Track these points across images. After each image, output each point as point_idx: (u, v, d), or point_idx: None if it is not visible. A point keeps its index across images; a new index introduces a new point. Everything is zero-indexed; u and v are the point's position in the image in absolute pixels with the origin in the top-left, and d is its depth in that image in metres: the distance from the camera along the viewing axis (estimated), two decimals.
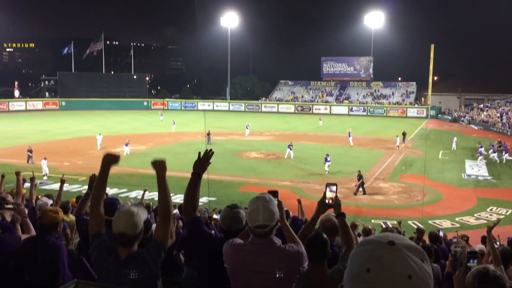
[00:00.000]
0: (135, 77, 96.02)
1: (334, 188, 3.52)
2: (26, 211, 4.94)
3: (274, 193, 3.40)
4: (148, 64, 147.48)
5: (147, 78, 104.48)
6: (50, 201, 7.49)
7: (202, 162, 3.57)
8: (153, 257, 3.16)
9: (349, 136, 41.78)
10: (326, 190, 3.54)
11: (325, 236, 3.37)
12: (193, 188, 3.53)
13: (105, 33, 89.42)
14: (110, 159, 3.50)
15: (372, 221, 19.34)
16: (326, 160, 30.20)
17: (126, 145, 36.88)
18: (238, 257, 3.01)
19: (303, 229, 3.72)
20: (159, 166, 3.39)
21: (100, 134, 39.22)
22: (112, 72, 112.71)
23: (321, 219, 4.73)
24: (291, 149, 34.91)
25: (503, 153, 36.27)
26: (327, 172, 29.91)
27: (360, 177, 25.03)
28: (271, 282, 2.95)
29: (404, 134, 42.94)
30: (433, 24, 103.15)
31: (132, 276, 3.08)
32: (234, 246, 3.07)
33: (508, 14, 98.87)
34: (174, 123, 52.94)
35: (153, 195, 21.73)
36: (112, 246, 3.19)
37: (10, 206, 4.70)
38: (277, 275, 2.93)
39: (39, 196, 10.37)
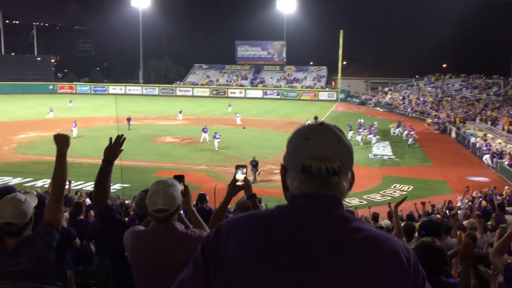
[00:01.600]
0: (38, 59, 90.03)
1: (244, 170, 3.52)
2: None
3: (180, 178, 3.34)
4: (53, 45, 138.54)
5: (53, 60, 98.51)
6: None
7: (114, 148, 3.41)
8: (44, 239, 2.96)
9: (237, 117, 44.98)
10: (236, 173, 3.54)
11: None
12: (104, 176, 3.37)
13: (3, 11, 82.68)
14: (63, 140, 3.23)
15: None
16: (214, 137, 32.25)
17: (75, 126, 35.59)
18: (138, 244, 2.91)
19: (216, 212, 3.69)
20: (62, 140, 3.19)
21: None
22: (13, 54, 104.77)
23: (237, 201, 4.75)
24: (206, 133, 34.78)
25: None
26: (217, 149, 31.76)
27: (255, 163, 24.64)
28: (172, 268, 2.88)
29: (315, 118, 44.45)
30: (342, 11, 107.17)
31: (23, 263, 2.86)
32: (134, 233, 2.96)
33: (410, 5, 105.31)
34: (51, 110, 47.36)
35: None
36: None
37: None
38: (179, 261, 2.87)
39: None
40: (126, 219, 5.74)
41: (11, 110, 52.72)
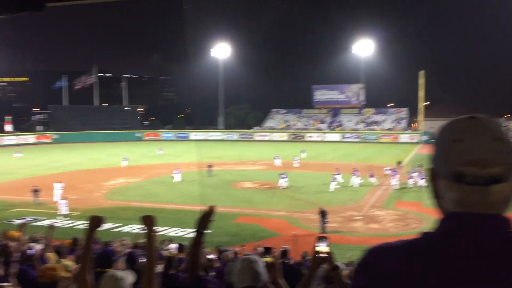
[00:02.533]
0: (127, 108, 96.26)
1: (325, 242, 3.46)
2: None
3: (268, 250, 3.37)
4: (140, 95, 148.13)
5: (140, 109, 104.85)
6: (38, 246, 7.33)
7: (205, 219, 3.54)
8: None
9: (295, 160, 46.33)
10: (317, 244, 3.47)
11: None
12: (197, 246, 3.51)
13: (98, 65, 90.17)
14: (95, 223, 3.44)
15: None
16: (282, 177, 34.78)
17: (177, 172, 38.22)
18: None
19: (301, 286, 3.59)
20: (148, 222, 3.37)
21: (61, 183, 30.66)
22: (105, 104, 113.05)
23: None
24: (283, 178, 34.81)
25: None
26: (280, 187, 34.15)
27: (323, 213, 22.98)
28: None
29: (399, 163, 42.70)
30: (422, 50, 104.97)
31: None
32: None
33: (494, 41, 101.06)
34: (124, 160, 48.58)
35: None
36: None
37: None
38: None
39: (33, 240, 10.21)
40: (213, 273, 5.85)
41: (102, 158, 56.32)
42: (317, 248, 3.41)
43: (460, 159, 1.24)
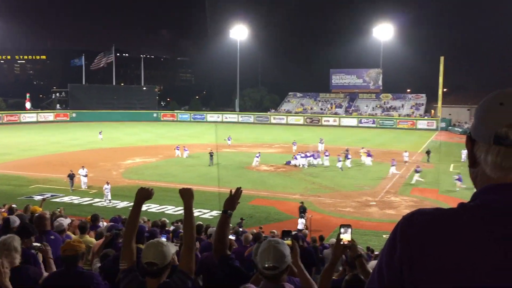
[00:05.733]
0: (144, 88, 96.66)
1: (349, 230, 3.45)
2: (51, 252, 4.84)
3: (288, 232, 3.41)
4: (157, 75, 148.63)
5: (157, 90, 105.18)
6: (68, 220, 7.48)
7: (233, 200, 3.57)
8: (179, 287, 3.17)
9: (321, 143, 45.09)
10: (340, 232, 3.47)
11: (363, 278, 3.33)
12: (223, 226, 3.54)
13: (115, 45, 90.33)
14: (144, 195, 3.52)
15: (384, 236, 19.21)
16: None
17: (178, 148, 40.78)
18: None
19: (324, 274, 3.57)
20: (187, 194, 3.42)
21: (83, 168, 28.55)
22: (122, 84, 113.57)
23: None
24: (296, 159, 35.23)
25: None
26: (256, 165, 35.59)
27: (303, 209, 21.59)
28: None
29: (428, 152, 41.44)
30: (443, 36, 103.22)
31: None
32: None
33: None
34: (181, 149, 42.91)
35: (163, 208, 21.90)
36: (143, 280, 3.20)
37: (38, 244, 4.66)
38: None
39: (60, 212, 10.43)
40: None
41: (119, 137, 56.84)
42: (341, 236, 3.41)
43: (504, 121, 1.22)
